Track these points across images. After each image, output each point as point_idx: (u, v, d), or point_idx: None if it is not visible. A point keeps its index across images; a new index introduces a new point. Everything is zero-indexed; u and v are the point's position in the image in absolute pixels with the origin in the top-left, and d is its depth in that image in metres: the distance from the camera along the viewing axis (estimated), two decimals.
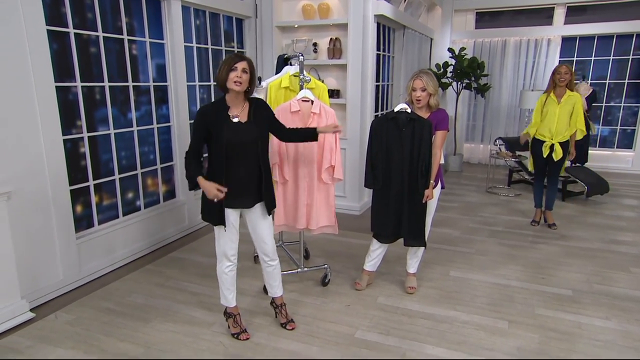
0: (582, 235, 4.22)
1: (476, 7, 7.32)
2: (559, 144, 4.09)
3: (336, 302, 2.96)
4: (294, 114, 2.78)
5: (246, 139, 2.28)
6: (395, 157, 2.76)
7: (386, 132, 2.75)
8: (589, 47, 6.99)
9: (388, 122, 2.75)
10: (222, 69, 2.20)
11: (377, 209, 2.91)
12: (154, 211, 3.81)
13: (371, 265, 3.08)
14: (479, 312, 2.81)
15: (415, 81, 2.74)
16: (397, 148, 2.75)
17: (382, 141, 2.76)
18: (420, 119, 2.70)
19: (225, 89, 2.24)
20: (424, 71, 2.79)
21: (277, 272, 2.62)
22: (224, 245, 2.43)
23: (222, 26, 4.57)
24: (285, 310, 2.66)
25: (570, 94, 4.01)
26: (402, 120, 2.70)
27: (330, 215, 2.96)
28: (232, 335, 2.52)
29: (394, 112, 2.71)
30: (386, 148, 2.77)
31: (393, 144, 2.74)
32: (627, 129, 7.07)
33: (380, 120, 2.78)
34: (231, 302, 2.55)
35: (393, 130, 2.74)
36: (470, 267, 3.50)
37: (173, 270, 3.39)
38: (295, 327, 2.62)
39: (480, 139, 7.73)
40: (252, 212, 2.46)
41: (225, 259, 2.46)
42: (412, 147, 2.73)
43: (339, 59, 4.75)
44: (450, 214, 4.89)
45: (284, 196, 2.91)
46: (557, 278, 3.29)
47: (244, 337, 2.50)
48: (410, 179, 2.78)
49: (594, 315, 2.77)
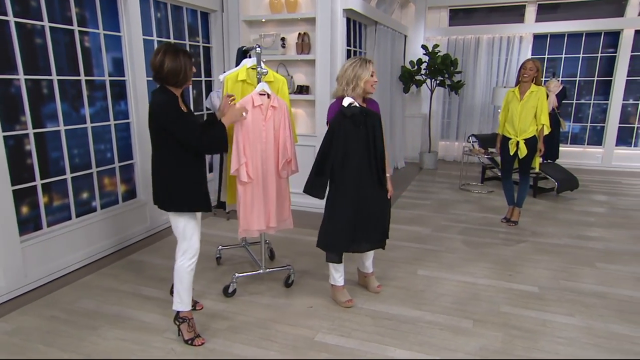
0: (552, 231, 4.21)
1: (449, 4, 7.32)
2: (523, 142, 4.06)
3: (298, 304, 2.85)
4: (255, 109, 2.65)
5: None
6: (354, 158, 2.56)
7: (345, 132, 2.53)
8: (560, 44, 7.06)
9: (346, 120, 2.52)
10: (187, 68, 2.19)
11: (336, 219, 2.63)
12: (112, 212, 3.63)
13: (343, 279, 2.85)
14: (444, 312, 2.74)
15: (371, 65, 2.59)
16: (355, 148, 2.55)
17: (342, 143, 2.53)
18: (371, 112, 2.56)
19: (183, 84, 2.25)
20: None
21: None
22: (197, 241, 2.39)
23: (186, 20, 4.40)
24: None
25: (533, 90, 3.99)
26: (358, 116, 2.51)
27: (285, 210, 2.84)
28: (185, 341, 2.39)
29: (347, 107, 2.50)
30: (345, 150, 2.53)
31: (352, 143, 2.54)
32: (597, 125, 7.17)
33: (339, 118, 2.54)
34: (189, 305, 2.42)
35: (351, 129, 2.53)
36: (438, 265, 3.43)
37: (129, 274, 3.23)
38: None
39: (455, 137, 7.74)
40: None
41: (196, 252, 2.39)
42: (369, 144, 2.58)
43: (307, 54, 4.64)
44: (422, 211, 4.83)
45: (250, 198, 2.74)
46: (524, 275, 3.25)
47: (198, 343, 2.38)
48: (372, 178, 2.65)
49: (558, 312, 2.73)
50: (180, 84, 2.23)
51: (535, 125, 4.07)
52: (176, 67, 2.15)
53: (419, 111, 7.57)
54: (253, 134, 2.64)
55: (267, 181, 2.74)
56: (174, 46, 2.21)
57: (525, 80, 4.00)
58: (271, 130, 2.70)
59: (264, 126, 2.67)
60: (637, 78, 6.80)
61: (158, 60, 2.15)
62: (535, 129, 4.08)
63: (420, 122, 7.53)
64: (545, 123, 4.02)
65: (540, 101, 4.01)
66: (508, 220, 4.45)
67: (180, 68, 2.16)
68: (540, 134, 4.09)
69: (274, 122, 2.72)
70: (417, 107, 7.59)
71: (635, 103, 6.92)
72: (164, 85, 2.23)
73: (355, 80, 2.55)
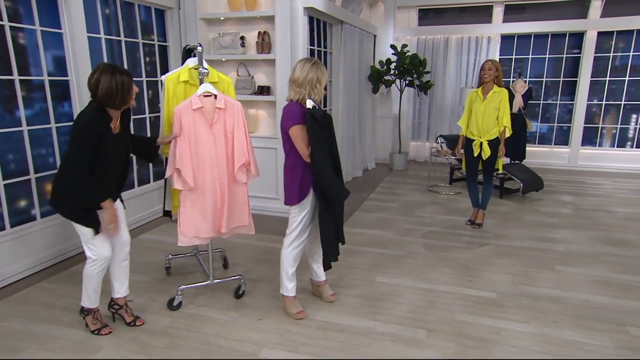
0: (515, 233, 4.18)
1: (418, 4, 7.27)
2: (487, 143, 4.02)
3: (247, 316, 2.71)
4: (196, 111, 2.50)
5: (123, 148, 2.37)
6: (328, 159, 2.46)
7: (320, 136, 2.41)
8: (527, 45, 7.11)
9: (317, 124, 2.36)
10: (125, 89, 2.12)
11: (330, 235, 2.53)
12: (55, 220, 3.40)
13: (295, 289, 2.72)
14: (398, 322, 2.64)
15: (325, 69, 2.49)
16: (326, 149, 2.44)
17: (323, 148, 2.40)
18: (328, 114, 2.48)
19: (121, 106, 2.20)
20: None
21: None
22: (102, 245, 2.32)
23: (139, 17, 4.19)
24: (130, 307, 2.58)
25: (496, 90, 3.95)
26: (322, 118, 2.39)
27: (244, 215, 2.69)
28: (92, 332, 2.43)
29: (312, 109, 2.36)
30: (326, 154, 2.43)
31: (323, 147, 2.42)
32: (564, 126, 7.25)
33: (312, 123, 2.35)
34: (96, 302, 2.44)
35: (321, 133, 2.41)
36: (398, 271, 3.34)
37: (68, 287, 3.02)
38: (144, 321, 2.56)
39: (426, 137, 7.71)
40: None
41: (105, 260, 2.35)
42: (329, 146, 2.48)
43: (268, 53, 4.49)
44: (387, 214, 4.75)
45: (192, 205, 2.59)
46: (484, 280, 3.19)
47: (105, 332, 2.43)
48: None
49: (514, 319, 2.67)
50: (118, 106, 2.15)
51: (498, 126, 4.03)
52: (112, 88, 2.06)
53: (389, 111, 7.51)
54: (196, 139, 2.48)
55: (218, 187, 2.58)
56: (112, 66, 2.11)
57: (487, 80, 3.96)
58: (221, 133, 2.55)
59: (210, 130, 2.51)
60: (601, 79, 6.89)
61: (94, 81, 2.09)
62: (498, 131, 4.04)
63: (391, 123, 7.47)
64: (507, 125, 3.98)
65: (503, 103, 3.96)
66: (472, 222, 4.41)
67: (117, 90, 2.08)
68: (502, 136, 4.05)
69: (224, 124, 2.56)
70: (387, 107, 7.53)
71: (600, 103, 7.02)
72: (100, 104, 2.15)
73: (318, 85, 2.44)
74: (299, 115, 2.39)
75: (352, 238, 3.96)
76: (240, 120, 2.54)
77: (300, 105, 2.43)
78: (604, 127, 7.10)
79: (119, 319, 2.57)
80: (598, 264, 3.47)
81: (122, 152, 2.36)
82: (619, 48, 6.73)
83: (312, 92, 2.42)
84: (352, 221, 4.49)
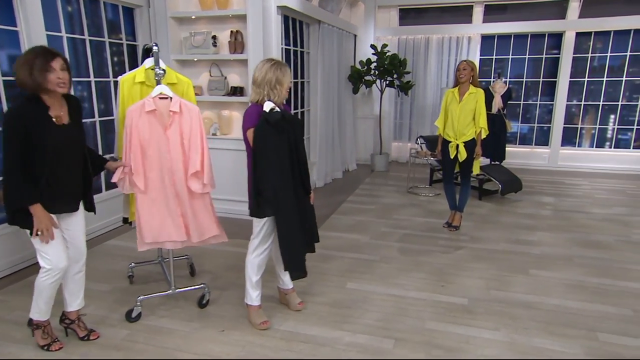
0: (492, 236, 4.13)
1: (399, 3, 7.22)
2: (463, 145, 3.96)
3: (210, 327, 2.60)
4: (150, 114, 2.38)
5: (72, 142, 2.12)
6: (281, 166, 2.33)
7: (272, 142, 2.29)
8: (507, 45, 7.10)
9: (270, 128, 2.28)
10: (32, 70, 1.90)
11: (289, 240, 2.37)
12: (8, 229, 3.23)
13: (260, 298, 2.62)
14: (366, 331, 2.56)
15: (288, 70, 2.39)
16: (283, 157, 2.34)
17: (270, 153, 2.30)
18: (292, 116, 2.38)
19: (40, 91, 1.97)
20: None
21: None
22: (56, 255, 2.15)
23: (105, 15, 4.04)
24: (83, 321, 2.44)
25: (472, 91, 3.89)
26: (278, 122, 2.28)
27: (212, 224, 2.57)
28: (41, 347, 2.29)
29: (269, 113, 2.27)
30: (276, 160, 2.31)
31: (276, 150, 2.31)
32: (544, 126, 7.26)
33: (263, 127, 2.28)
34: (47, 315, 2.29)
35: (274, 138, 2.30)
36: (370, 277, 3.26)
37: (22, 299, 2.86)
38: (99, 335, 2.44)
39: (407, 138, 7.66)
40: (74, 215, 2.27)
41: (61, 271, 2.19)
42: (291, 151, 2.38)
43: (241, 53, 4.37)
44: (365, 217, 4.67)
45: (149, 209, 2.47)
46: (457, 285, 3.13)
47: (55, 348, 2.31)
48: (297, 185, 2.44)
49: (484, 327, 2.60)
50: (36, 89, 1.96)
51: (474, 128, 3.98)
52: (22, 63, 1.91)
53: (371, 112, 7.44)
54: (150, 143, 2.36)
55: (174, 193, 2.46)
56: (28, 50, 1.99)
57: (463, 80, 3.90)
58: (177, 138, 2.43)
59: (164, 134, 2.40)
60: (579, 79, 6.92)
61: (13, 69, 1.95)
62: (474, 132, 3.99)
63: (372, 123, 7.41)
64: (483, 126, 3.93)
65: (479, 104, 3.91)
66: (450, 225, 4.35)
67: (28, 66, 1.89)
68: (478, 138, 4.00)
69: (180, 128, 2.45)
70: (369, 108, 7.46)
71: (579, 104, 7.05)
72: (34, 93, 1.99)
73: (278, 85, 2.34)
74: (255, 117, 2.30)
75: (326, 242, 3.87)
76: (197, 126, 2.43)
77: (259, 107, 2.33)
78: (583, 128, 7.13)
79: (73, 333, 2.44)
80: (572, 267, 3.44)
81: (74, 148, 2.13)
82: (597, 49, 6.76)
83: (271, 93, 2.33)
84: (327, 225, 4.40)
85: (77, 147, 2.14)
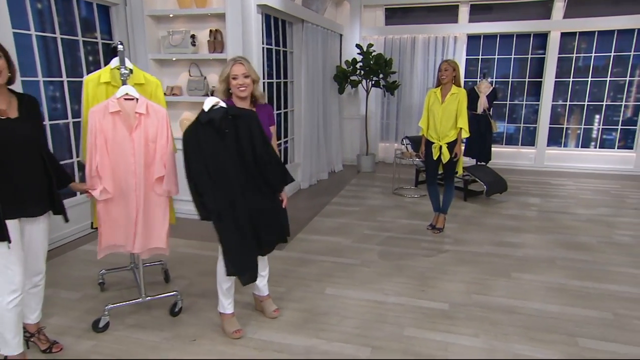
0: (476, 238, 4.08)
1: (385, 3, 7.16)
2: (446, 146, 3.91)
3: (182, 336, 2.51)
4: (114, 115, 2.28)
5: (21, 138, 1.98)
6: (228, 171, 2.21)
7: (205, 143, 2.16)
8: (493, 45, 7.08)
9: (203, 129, 2.15)
10: None
11: (230, 244, 2.25)
12: None
13: (232, 305, 2.54)
14: (342, 339, 2.48)
15: (235, 67, 2.33)
16: (226, 158, 2.20)
17: (204, 156, 2.16)
18: (242, 112, 2.24)
19: None
20: (242, 57, 2.43)
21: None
22: (15, 274, 1.96)
23: (78, 13, 3.92)
24: (44, 333, 2.33)
25: (454, 92, 3.84)
26: (220, 121, 2.15)
27: (161, 235, 2.46)
28: None
29: (205, 111, 2.16)
30: (212, 163, 2.18)
31: (219, 154, 2.19)
32: (530, 126, 7.25)
33: (193, 128, 2.18)
34: (18, 348, 2.05)
35: (212, 138, 2.16)
36: (350, 281, 3.19)
37: None
38: (62, 347, 2.33)
39: (394, 138, 7.61)
40: (36, 222, 2.09)
41: (11, 292, 1.97)
42: (244, 150, 2.23)
43: (220, 52, 4.27)
44: (348, 219, 4.60)
45: (108, 214, 2.37)
46: (438, 290, 3.07)
47: None
48: (255, 187, 2.30)
49: (464, 333, 2.54)
50: None
51: (457, 129, 3.93)
52: None
53: (357, 112, 7.38)
54: (114, 145, 2.26)
55: (135, 198, 2.36)
56: None
57: (445, 82, 3.85)
58: (142, 141, 2.33)
59: (130, 136, 2.30)
60: (565, 79, 6.92)
61: None
62: (457, 133, 3.94)
63: (359, 124, 7.34)
64: (464, 127, 3.88)
65: (460, 104, 3.86)
66: (433, 227, 4.30)
67: None
68: (459, 137, 3.95)
69: (146, 131, 2.35)
70: (355, 108, 7.40)
71: (564, 104, 7.05)
72: None
73: (227, 80, 2.36)
74: None
75: (307, 246, 3.79)
76: (164, 129, 2.34)
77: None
78: (568, 128, 7.14)
79: (34, 345, 2.33)
80: (555, 269, 3.40)
81: (24, 145, 1.97)
82: (581, 49, 6.77)
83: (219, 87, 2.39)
84: (310, 227, 4.32)
85: (29, 145, 1.99)
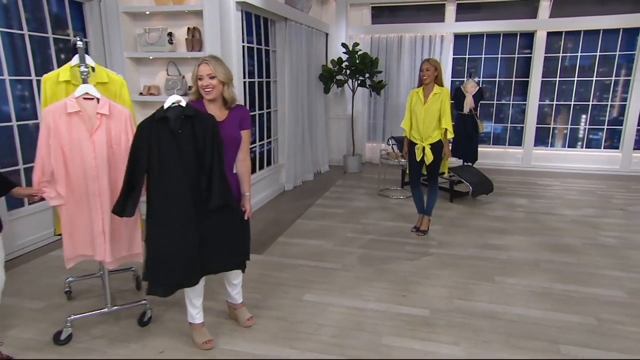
0: (460, 240, 4.01)
1: (371, 1, 7.07)
2: (429, 147, 3.83)
3: (149, 348, 2.39)
4: (73, 116, 2.15)
5: None
6: (174, 171, 2.07)
7: (155, 139, 2.03)
8: (480, 44, 7.03)
9: (157, 125, 2.03)
10: None
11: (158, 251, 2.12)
12: None
13: (202, 315, 2.41)
14: (317, 348, 2.38)
15: (201, 67, 2.18)
16: (175, 158, 2.06)
17: (152, 152, 2.03)
18: (200, 113, 2.10)
19: None
20: (212, 56, 2.26)
21: None
22: None
23: (48, 9, 3.77)
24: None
25: (436, 92, 3.76)
26: (175, 119, 2.02)
27: (134, 241, 2.35)
28: None
29: (164, 109, 2.04)
30: (159, 160, 2.05)
31: (167, 153, 2.05)
32: (517, 126, 7.22)
33: (147, 122, 2.06)
34: None
35: (165, 135, 2.04)
36: (329, 287, 3.09)
37: None
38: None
39: (381, 138, 7.53)
40: None
41: None
42: (197, 152, 2.09)
43: (199, 51, 4.15)
44: (331, 222, 4.50)
45: (71, 220, 2.25)
46: (419, 295, 2.98)
47: None
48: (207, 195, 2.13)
49: (444, 341, 2.46)
50: None
51: (440, 130, 3.85)
52: None
53: (343, 112, 7.28)
54: (72, 148, 2.14)
55: (99, 204, 2.24)
56: None
57: (426, 82, 3.78)
58: (103, 144, 2.21)
59: (90, 138, 2.18)
60: (551, 79, 6.89)
61: None
62: (441, 134, 3.86)
63: (345, 124, 7.25)
64: (448, 127, 3.80)
65: (443, 104, 3.78)
66: (417, 229, 4.21)
67: None
68: (445, 138, 3.87)
69: (109, 133, 2.23)
70: (342, 108, 7.30)
71: (551, 104, 7.02)
72: None
73: (196, 80, 2.24)
74: None
75: (287, 250, 3.69)
76: (129, 130, 2.22)
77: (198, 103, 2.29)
78: (555, 128, 7.11)
79: None
80: (538, 272, 3.33)
81: None
82: (567, 48, 6.74)
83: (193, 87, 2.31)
84: (291, 231, 4.21)
85: None
